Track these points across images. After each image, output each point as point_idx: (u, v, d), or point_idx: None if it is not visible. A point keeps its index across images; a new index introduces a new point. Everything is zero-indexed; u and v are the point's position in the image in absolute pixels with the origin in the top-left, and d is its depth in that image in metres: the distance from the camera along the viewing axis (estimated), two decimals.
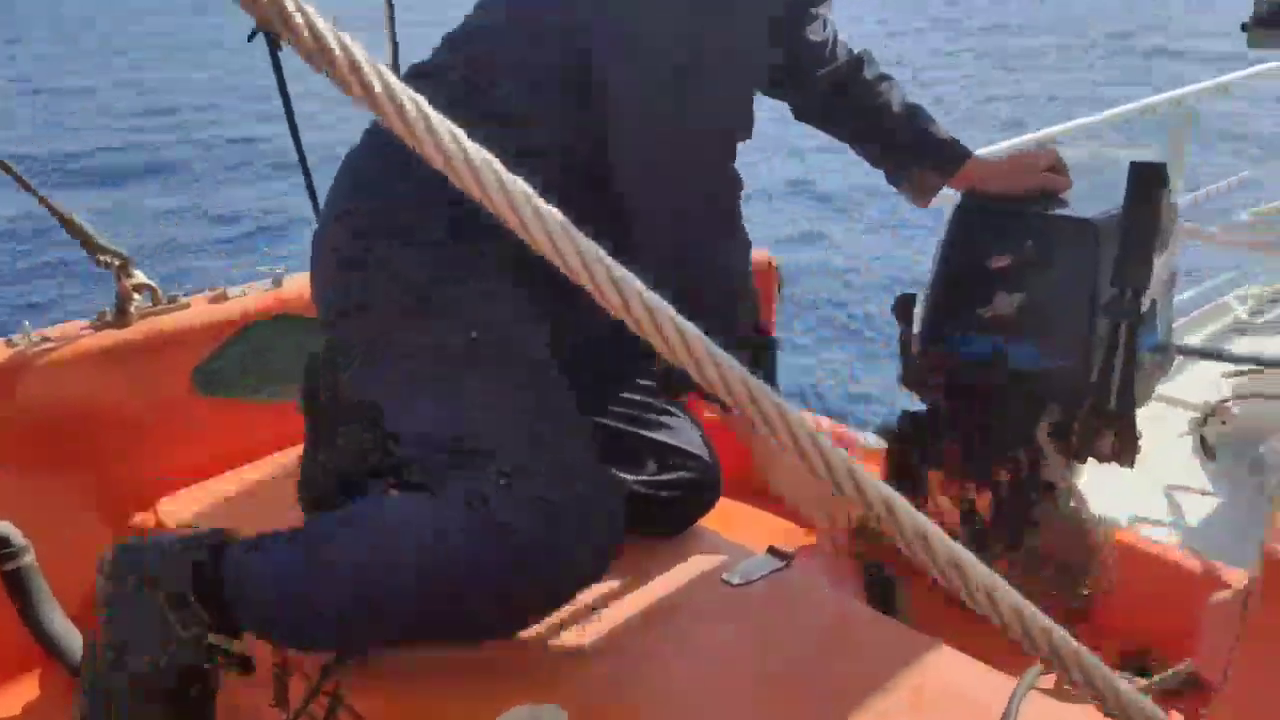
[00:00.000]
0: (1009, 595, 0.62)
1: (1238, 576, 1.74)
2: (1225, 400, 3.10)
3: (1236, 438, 3.13)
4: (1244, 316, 4.99)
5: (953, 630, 1.48)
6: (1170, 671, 1.38)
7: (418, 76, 1.45)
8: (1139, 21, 21.71)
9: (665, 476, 1.66)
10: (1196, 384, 3.91)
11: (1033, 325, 1.79)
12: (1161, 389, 3.39)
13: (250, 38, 1.86)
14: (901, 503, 0.64)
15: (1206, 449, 2.92)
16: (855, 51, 1.84)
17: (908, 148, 1.83)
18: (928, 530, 0.61)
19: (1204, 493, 2.79)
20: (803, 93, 1.84)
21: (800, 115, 1.89)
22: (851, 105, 1.83)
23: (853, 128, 1.87)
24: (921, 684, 1.35)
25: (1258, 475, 3.34)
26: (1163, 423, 3.04)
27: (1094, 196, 1.81)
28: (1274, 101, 5.23)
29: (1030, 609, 0.63)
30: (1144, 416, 1.75)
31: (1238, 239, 3.74)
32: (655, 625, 1.49)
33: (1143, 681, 1.43)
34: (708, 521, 1.78)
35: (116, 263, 1.97)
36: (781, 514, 2.28)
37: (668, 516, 1.70)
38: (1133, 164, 1.67)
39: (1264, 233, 4.48)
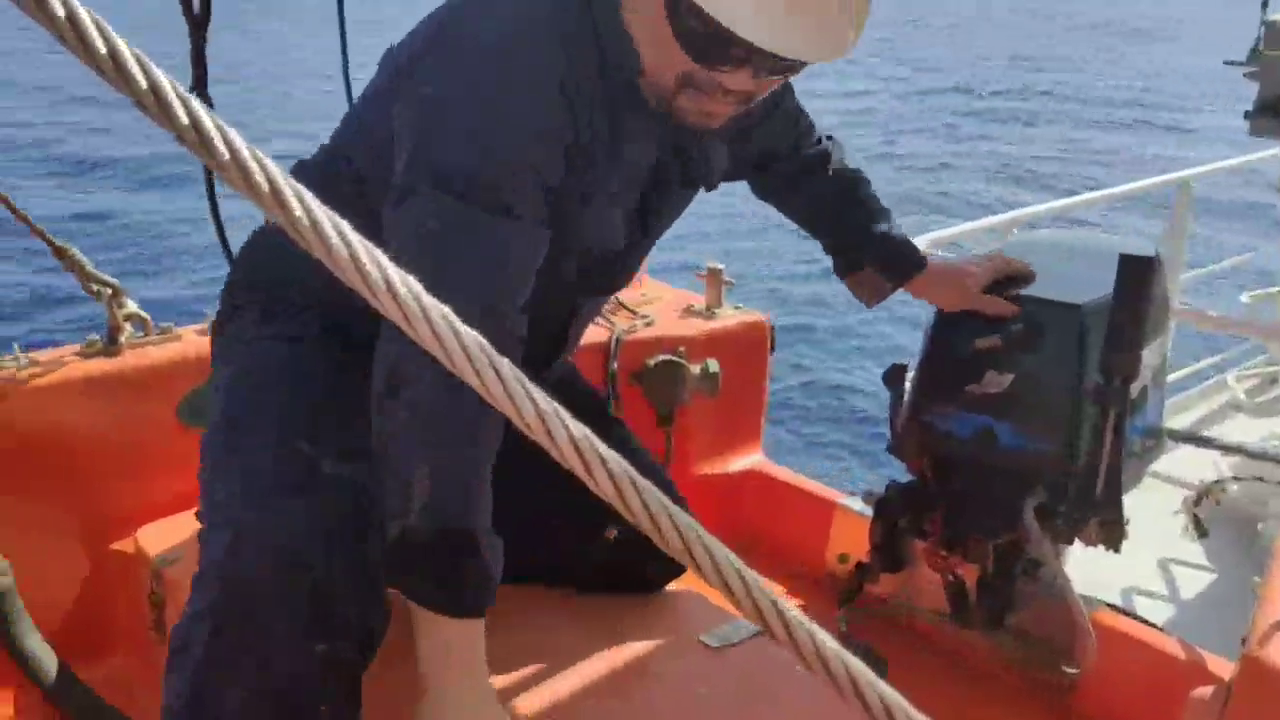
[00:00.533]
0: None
1: (1221, 667, 1.73)
2: (1220, 480, 3.10)
3: (1230, 517, 3.13)
4: (1241, 397, 5.01)
5: (937, 710, 1.46)
6: None
7: (297, 171, 1.50)
8: (1147, 98, 22.00)
9: (626, 538, 1.65)
10: (1191, 462, 3.92)
11: (1020, 406, 1.79)
12: (1156, 468, 3.40)
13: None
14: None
15: (1199, 527, 2.92)
16: (822, 141, 1.78)
17: (859, 248, 1.78)
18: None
19: (1195, 568, 2.78)
20: (760, 181, 1.81)
21: (758, 195, 1.85)
22: (806, 195, 1.79)
23: (806, 216, 1.82)
24: None
25: (1255, 553, 3.33)
26: (1156, 498, 3.04)
27: (1086, 280, 1.82)
28: (1272, 188, 5.28)
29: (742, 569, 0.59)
30: (1136, 491, 1.74)
31: (1235, 324, 3.76)
32: (629, 684, 1.48)
33: None
34: (688, 581, 1.77)
35: (109, 292, 1.98)
36: (764, 573, 2.27)
37: (635, 579, 1.69)
38: (1122, 256, 1.68)
39: (1260, 316, 4.51)
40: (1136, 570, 2.62)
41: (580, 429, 0.51)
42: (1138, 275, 1.63)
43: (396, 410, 1.22)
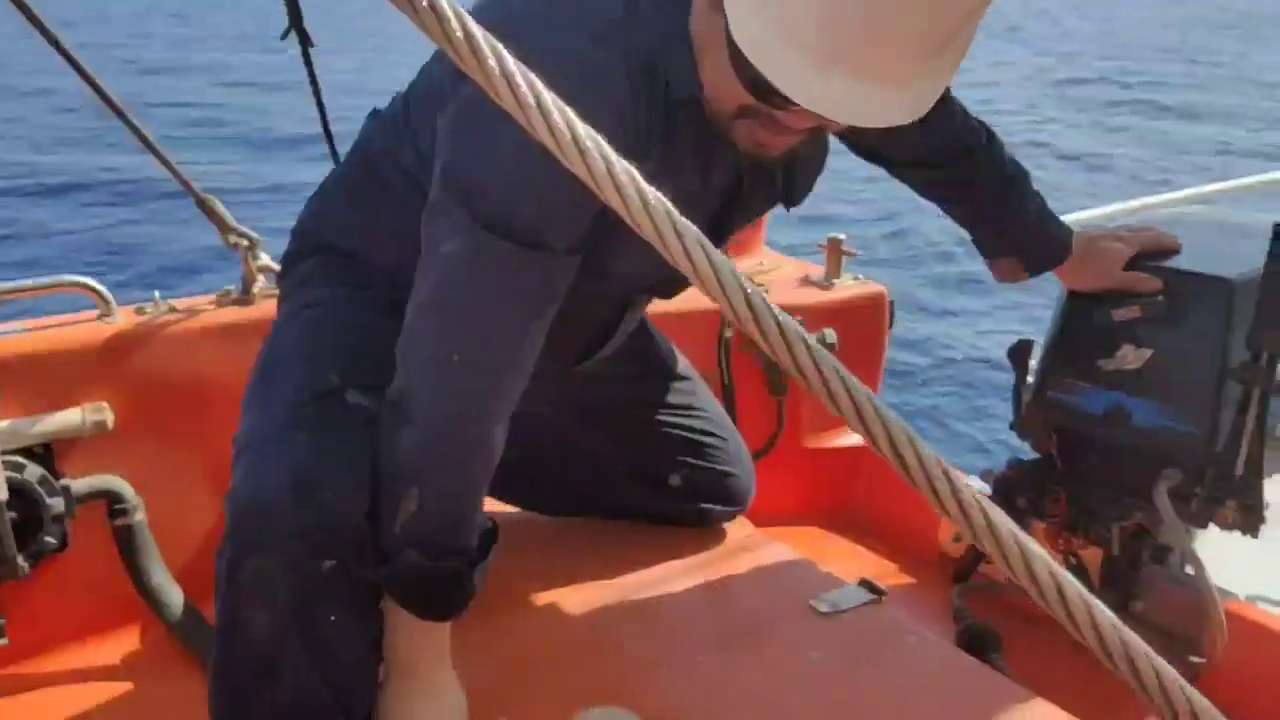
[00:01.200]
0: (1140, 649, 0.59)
1: None
2: None
3: None
4: None
5: (1048, 691, 1.42)
6: None
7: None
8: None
9: (689, 485, 1.75)
10: None
11: (1158, 383, 1.72)
12: None
13: (284, 36, 1.86)
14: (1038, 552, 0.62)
15: None
16: (975, 150, 1.68)
17: (996, 240, 1.75)
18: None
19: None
20: (911, 183, 1.75)
21: (915, 191, 1.79)
22: (960, 206, 1.75)
23: (956, 217, 1.78)
24: None
25: None
26: None
27: (1235, 255, 1.73)
28: None
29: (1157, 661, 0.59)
30: (1275, 495, 1.66)
31: None
32: (736, 642, 1.47)
33: None
34: (801, 549, 1.75)
35: (245, 244, 2.04)
36: (874, 551, 2.23)
37: (683, 518, 1.78)
38: (1277, 225, 1.60)
39: None
40: (1268, 581, 2.49)
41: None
42: None
43: (397, 428, 1.24)
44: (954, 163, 1.66)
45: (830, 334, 2.24)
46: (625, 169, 0.53)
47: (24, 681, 1.85)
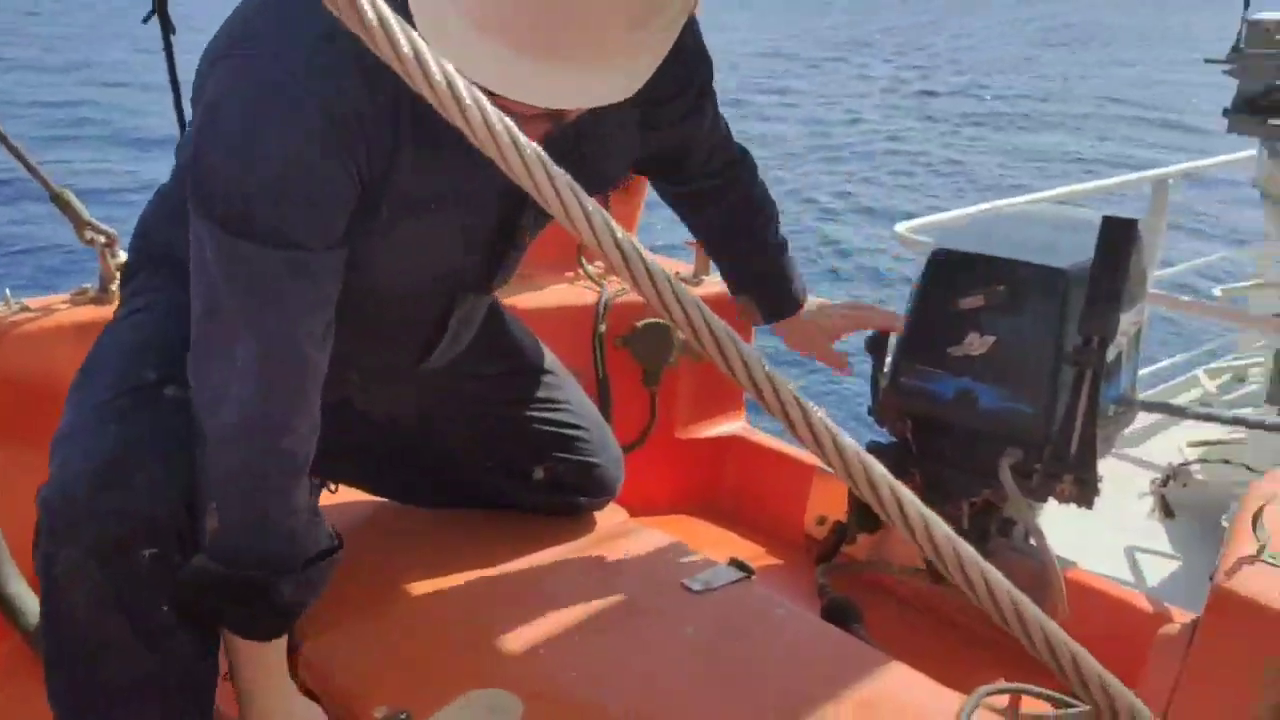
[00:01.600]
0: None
1: (1186, 617, 1.78)
2: (1187, 463, 3.17)
3: (1196, 500, 3.20)
4: (1212, 391, 5.11)
5: (905, 658, 1.51)
6: None
7: None
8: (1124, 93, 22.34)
9: (553, 478, 1.78)
10: (1160, 448, 4.00)
11: (1001, 368, 1.84)
12: (1126, 450, 3.47)
13: (145, 20, 1.86)
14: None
15: (1166, 509, 2.98)
16: (732, 164, 1.72)
17: (738, 280, 1.84)
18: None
19: (1161, 552, 2.84)
20: (663, 190, 1.79)
21: (665, 200, 1.84)
22: (704, 219, 1.81)
23: (703, 236, 1.87)
24: (874, 698, 1.37)
25: (1219, 536, 3.38)
26: (1125, 482, 3.10)
27: (1069, 248, 1.87)
28: (1247, 187, 5.40)
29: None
30: (1106, 473, 1.79)
31: (1209, 309, 3.85)
32: (613, 623, 1.52)
33: (1087, 708, 1.45)
34: (673, 536, 1.81)
35: (103, 240, 1.99)
36: (744, 536, 2.31)
37: (551, 507, 1.81)
38: (1105, 218, 1.74)
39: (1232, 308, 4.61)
40: (1100, 552, 2.68)
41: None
42: (1120, 237, 1.68)
43: (202, 443, 1.24)
44: (721, 181, 1.72)
45: None
46: (499, 116, 0.56)
47: None
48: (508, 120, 0.59)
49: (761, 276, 1.82)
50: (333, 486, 1.79)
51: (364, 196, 1.21)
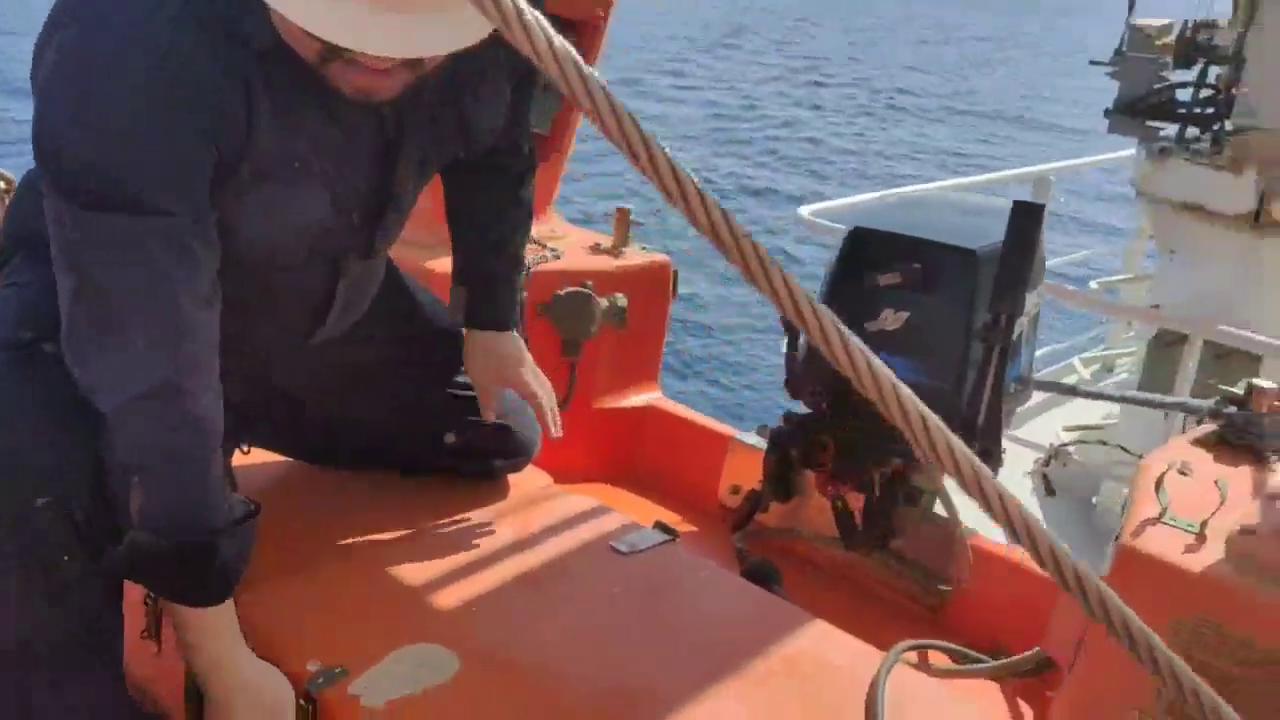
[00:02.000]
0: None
1: None
2: (1066, 444, 3.35)
3: (1073, 479, 3.39)
4: (1086, 377, 5.40)
5: (822, 616, 1.57)
6: (1024, 655, 1.50)
7: None
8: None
9: (466, 443, 1.78)
10: (1040, 430, 4.23)
11: (913, 343, 1.92)
12: (1013, 432, 3.65)
13: None
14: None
15: (1048, 487, 3.15)
16: (518, 162, 1.70)
17: (477, 274, 1.73)
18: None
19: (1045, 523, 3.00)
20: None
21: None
22: (466, 195, 1.72)
23: (455, 211, 1.74)
24: (796, 654, 1.43)
25: (1093, 514, 3.61)
26: (1011, 461, 3.26)
27: (977, 232, 1.96)
28: (1125, 185, 5.71)
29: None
30: (1006, 434, 1.89)
31: (1089, 302, 4.08)
32: (544, 582, 1.54)
33: (997, 662, 1.55)
34: (593, 494, 1.84)
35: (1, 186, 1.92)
36: (661, 504, 2.36)
37: (468, 470, 1.81)
38: (1016, 202, 1.83)
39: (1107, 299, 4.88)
40: (992, 525, 2.83)
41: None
42: (1029, 219, 1.77)
43: (101, 423, 1.21)
44: (504, 152, 1.65)
45: (621, 298, 2.34)
46: (562, 45, 0.57)
47: None
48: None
49: (490, 278, 1.72)
50: (245, 448, 1.76)
51: (221, 159, 1.19)
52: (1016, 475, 3.34)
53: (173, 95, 1.12)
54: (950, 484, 2.01)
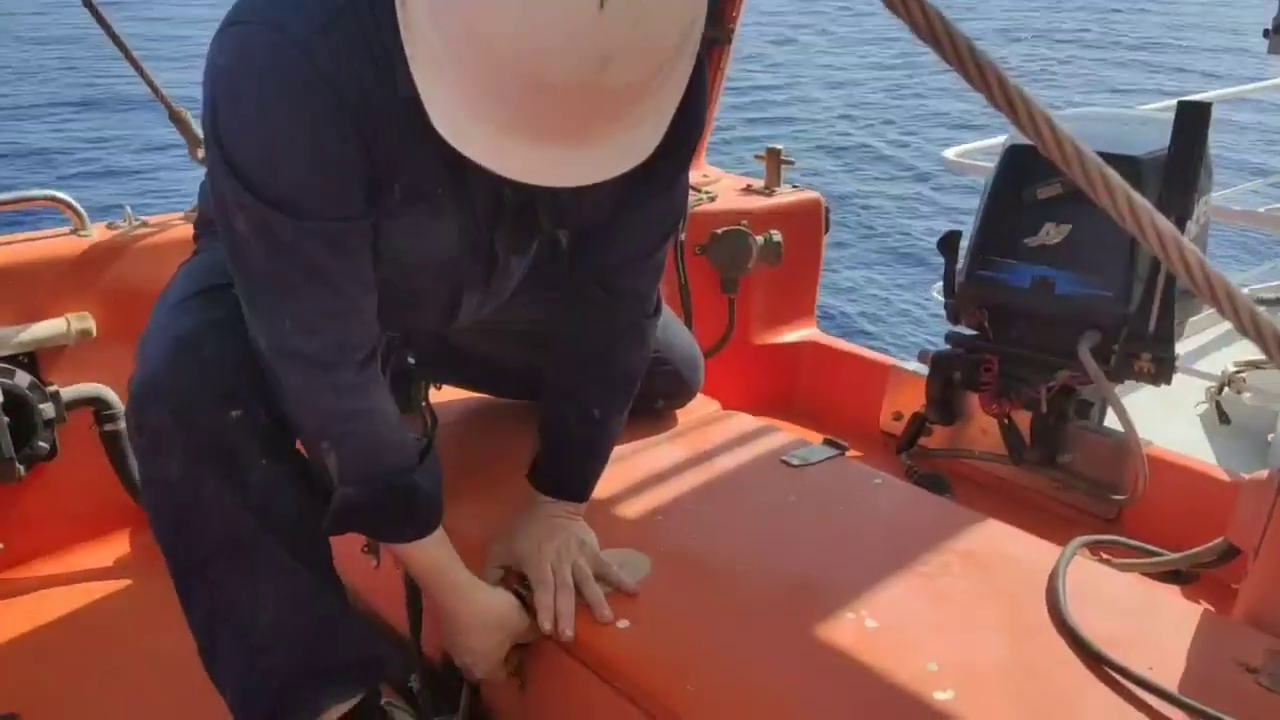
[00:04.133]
0: None
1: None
2: (1240, 372, 3.22)
3: (1245, 412, 3.26)
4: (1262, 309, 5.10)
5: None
6: (1207, 546, 1.49)
7: None
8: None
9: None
10: (1207, 366, 4.05)
11: (1076, 255, 1.91)
12: (1185, 364, 3.53)
13: None
14: None
15: (1221, 414, 3.04)
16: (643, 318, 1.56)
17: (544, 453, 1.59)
18: None
19: (1216, 457, 2.91)
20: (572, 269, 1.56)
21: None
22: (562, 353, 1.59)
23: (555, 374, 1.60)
24: (972, 550, 1.47)
25: (1263, 452, 3.45)
26: (1181, 393, 3.16)
27: (1137, 142, 1.93)
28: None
29: None
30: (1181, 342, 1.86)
31: (1262, 219, 3.87)
32: (721, 494, 1.62)
33: (1180, 554, 1.54)
34: (766, 417, 1.91)
35: None
36: (825, 433, 2.40)
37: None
38: (1181, 102, 1.80)
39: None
40: (1177, 415, 2.75)
41: None
42: (1194, 119, 1.74)
43: (284, 400, 1.29)
44: (623, 292, 1.53)
45: (776, 234, 2.39)
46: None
47: (20, 585, 1.89)
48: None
49: (552, 461, 1.57)
50: (438, 385, 1.89)
51: (376, 175, 1.23)
52: (1188, 407, 3.24)
53: (330, 105, 1.15)
54: (1124, 394, 1.99)
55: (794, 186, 2.55)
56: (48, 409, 1.85)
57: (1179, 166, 1.75)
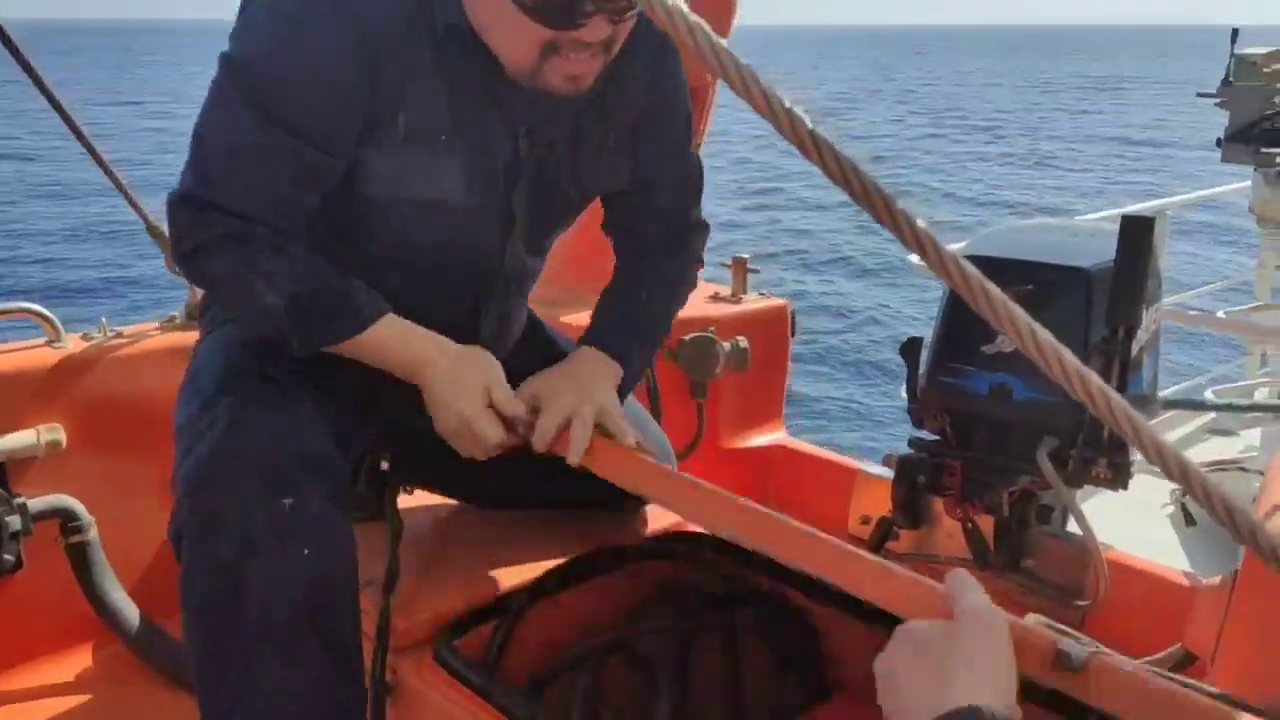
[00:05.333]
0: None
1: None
2: (1207, 469, 3.28)
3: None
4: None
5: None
6: (1165, 653, 1.51)
7: None
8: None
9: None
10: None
11: (1031, 363, 1.96)
12: (1146, 464, 3.60)
13: None
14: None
15: (1187, 517, 3.09)
16: (688, 232, 1.75)
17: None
18: None
19: (1184, 557, 2.94)
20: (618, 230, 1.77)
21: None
22: (634, 276, 1.75)
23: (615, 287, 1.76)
24: None
25: (1231, 546, 3.48)
26: (1147, 493, 3.21)
27: (1086, 253, 2.01)
28: (1244, 215, 5.58)
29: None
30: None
31: (1219, 323, 3.99)
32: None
33: (1137, 662, 1.56)
34: None
35: None
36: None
37: (608, 500, 1.78)
38: (1125, 215, 1.88)
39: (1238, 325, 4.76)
40: (1135, 519, 2.78)
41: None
42: (1139, 232, 1.82)
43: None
44: (673, 229, 1.72)
45: (742, 341, 2.44)
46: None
47: None
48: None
49: (621, 324, 1.69)
50: (409, 490, 1.90)
51: (372, 109, 1.36)
52: (1154, 508, 3.29)
53: (360, 48, 1.32)
54: (1082, 499, 2.03)
55: (760, 294, 2.62)
56: (14, 521, 1.85)
57: (1125, 279, 1.82)
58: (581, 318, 2.38)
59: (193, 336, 2.08)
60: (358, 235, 1.50)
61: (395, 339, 1.44)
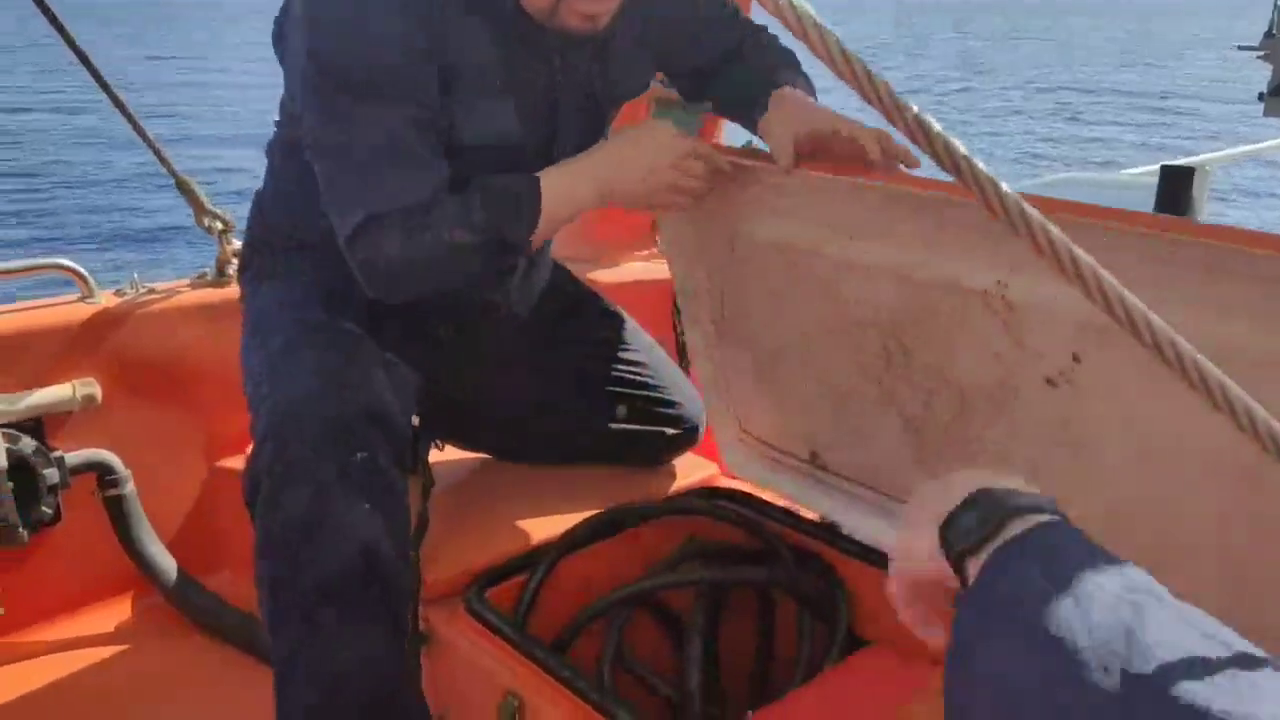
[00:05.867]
0: None
1: None
2: None
3: None
4: None
5: None
6: None
7: None
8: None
9: (633, 425, 1.86)
10: None
11: None
12: None
13: None
14: None
15: None
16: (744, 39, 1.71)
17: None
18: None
19: None
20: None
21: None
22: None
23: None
24: None
25: None
26: None
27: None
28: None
29: None
30: None
31: None
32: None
33: None
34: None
35: (220, 226, 2.13)
36: None
37: (639, 452, 1.89)
38: (1163, 166, 1.84)
39: None
40: None
41: None
42: (1178, 183, 1.78)
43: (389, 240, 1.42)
44: (732, 45, 1.70)
45: None
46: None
47: (21, 650, 1.90)
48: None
49: (734, 74, 1.69)
50: (440, 444, 1.91)
51: (439, 61, 1.42)
52: None
53: (415, 20, 1.39)
54: None
55: None
56: (52, 474, 1.87)
57: None
58: (608, 274, 2.38)
59: (223, 293, 2.11)
60: None
61: (568, 183, 1.49)
